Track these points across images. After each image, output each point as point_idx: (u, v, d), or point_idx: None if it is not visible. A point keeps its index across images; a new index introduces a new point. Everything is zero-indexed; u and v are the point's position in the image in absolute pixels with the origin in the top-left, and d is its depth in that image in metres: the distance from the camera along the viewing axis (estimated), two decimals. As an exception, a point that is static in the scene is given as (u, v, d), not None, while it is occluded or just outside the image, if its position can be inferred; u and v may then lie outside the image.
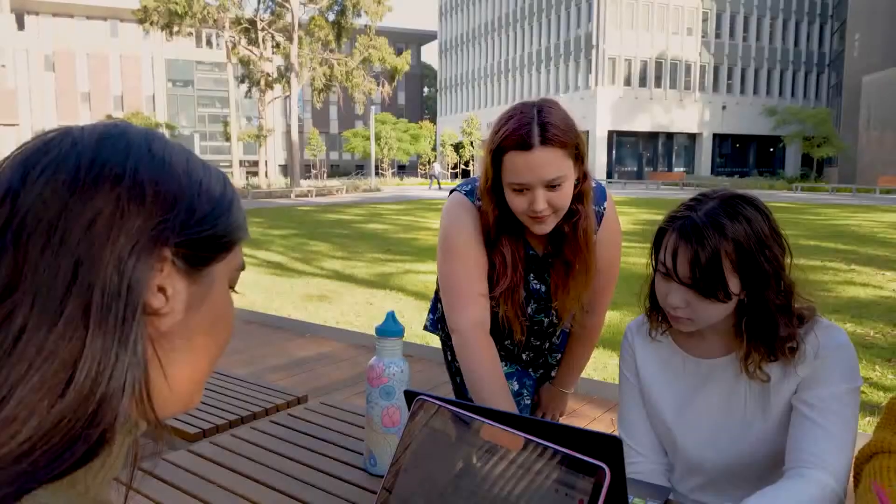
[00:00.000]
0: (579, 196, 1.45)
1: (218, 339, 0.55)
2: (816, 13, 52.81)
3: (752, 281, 1.12)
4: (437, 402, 0.90)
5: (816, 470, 1.08)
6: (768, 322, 1.14)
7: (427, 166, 57.63)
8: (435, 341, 4.88)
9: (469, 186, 1.55)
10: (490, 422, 0.82)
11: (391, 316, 1.21)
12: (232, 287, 0.57)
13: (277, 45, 36.97)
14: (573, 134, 1.38)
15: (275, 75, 38.06)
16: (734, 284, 1.12)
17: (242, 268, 0.58)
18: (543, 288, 1.58)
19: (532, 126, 1.33)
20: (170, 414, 0.54)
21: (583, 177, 1.45)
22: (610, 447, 0.78)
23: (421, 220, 16.45)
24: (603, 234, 1.60)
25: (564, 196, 1.38)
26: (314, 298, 7.02)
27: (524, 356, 1.73)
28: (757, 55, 51.00)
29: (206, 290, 0.52)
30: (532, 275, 1.57)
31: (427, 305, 6.43)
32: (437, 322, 1.80)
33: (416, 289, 7.36)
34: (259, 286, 7.67)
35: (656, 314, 1.28)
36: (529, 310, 1.59)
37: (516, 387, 1.74)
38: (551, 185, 1.35)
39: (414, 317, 5.93)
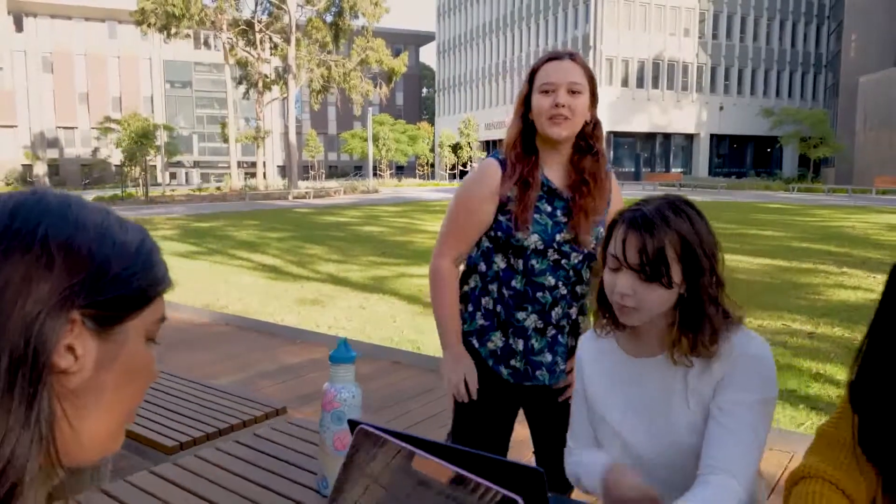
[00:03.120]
0: (597, 137, 1.80)
1: (133, 391, 0.57)
2: (813, 14, 52.88)
3: (692, 271, 1.22)
4: (377, 431, 0.93)
5: (724, 475, 1.15)
6: (699, 310, 1.22)
7: (425, 167, 57.60)
8: (426, 349, 4.91)
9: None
10: (422, 453, 0.85)
11: (343, 343, 1.25)
12: (151, 339, 0.58)
13: (275, 47, 37.00)
14: (592, 74, 1.77)
15: (272, 77, 38.10)
16: (676, 273, 1.21)
17: (163, 319, 0.60)
18: (567, 221, 1.78)
19: (563, 51, 1.78)
20: (85, 463, 0.56)
21: (595, 124, 1.79)
22: (532, 479, 0.82)
23: (417, 223, 16.47)
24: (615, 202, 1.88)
25: (581, 105, 1.72)
26: (308, 302, 7.05)
27: (553, 313, 1.79)
28: (754, 56, 51.06)
29: (119, 347, 0.54)
30: (559, 210, 1.78)
31: (420, 309, 6.46)
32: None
33: (410, 293, 7.37)
34: (254, 290, 7.71)
35: (603, 311, 1.36)
36: (558, 237, 1.76)
37: (549, 357, 1.80)
38: (572, 91, 1.70)
39: (406, 321, 5.96)
